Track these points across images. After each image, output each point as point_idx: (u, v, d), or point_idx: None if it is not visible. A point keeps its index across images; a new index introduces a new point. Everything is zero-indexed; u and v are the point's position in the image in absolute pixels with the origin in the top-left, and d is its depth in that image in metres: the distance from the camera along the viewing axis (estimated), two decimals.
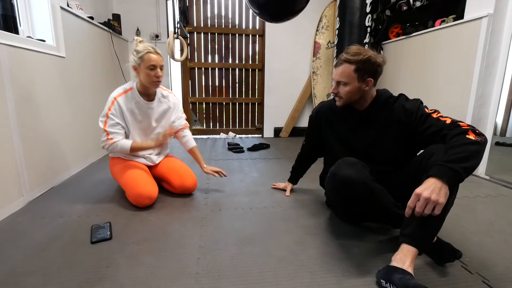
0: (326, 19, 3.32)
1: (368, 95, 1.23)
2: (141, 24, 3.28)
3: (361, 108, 1.26)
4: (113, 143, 1.51)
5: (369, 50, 1.17)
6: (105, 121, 1.50)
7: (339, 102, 1.27)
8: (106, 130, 1.50)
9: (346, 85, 1.19)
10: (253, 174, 2.14)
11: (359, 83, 1.18)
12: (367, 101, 1.24)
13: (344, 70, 1.18)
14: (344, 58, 1.18)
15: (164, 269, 1.00)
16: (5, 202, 1.40)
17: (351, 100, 1.24)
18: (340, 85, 1.22)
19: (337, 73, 1.21)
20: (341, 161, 1.14)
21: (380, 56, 1.18)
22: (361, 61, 1.14)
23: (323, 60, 3.38)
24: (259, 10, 2.25)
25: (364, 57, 1.14)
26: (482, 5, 1.96)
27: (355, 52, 1.16)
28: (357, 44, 1.26)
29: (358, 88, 1.19)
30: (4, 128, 1.41)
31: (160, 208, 1.51)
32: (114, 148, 1.52)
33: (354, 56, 1.15)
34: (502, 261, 1.07)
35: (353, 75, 1.16)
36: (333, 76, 1.25)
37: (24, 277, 0.95)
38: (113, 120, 1.51)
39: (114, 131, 1.51)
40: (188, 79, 3.63)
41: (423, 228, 0.94)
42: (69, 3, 2.10)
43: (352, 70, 1.16)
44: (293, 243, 1.19)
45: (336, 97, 1.27)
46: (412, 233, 0.94)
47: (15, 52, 1.50)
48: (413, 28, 2.64)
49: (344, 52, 1.19)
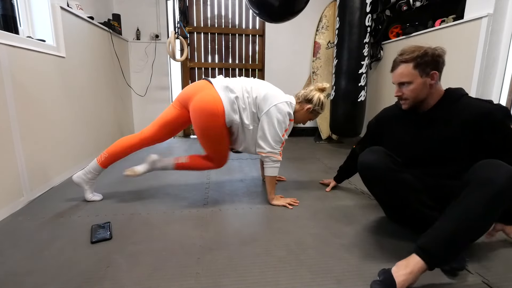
0: (326, 19, 3.32)
1: (435, 91, 1.13)
2: (141, 24, 3.28)
3: (426, 109, 1.17)
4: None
5: (422, 45, 1.10)
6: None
7: (405, 105, 1.18)
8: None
9: (410, 84, 1.11)
10: (253, 174, 2.14)
11: (423, 78, 1.10)
12: (433, 99, 1.15)
13: (403, 70, 1.12)
14: (400, 60, 1.12)
15: (164, 269, 1.00)
16: (5, 202, 1.40)
17: (418, 99, 1.14)
18: (403, 86, 1.14)
19: (396, 75, 1.15)
20: (368, 149, 1.15)
21: (437, 47, 1.10)
22: (417, 57, 1.08)
23: (323, 60, 3.38)
24: (258, 10, 2.25)
25: (420, 53, 1.08)
26: (482, 5, 1.96)
27: (409, 51, 1.10)
28: (410, 45, 1.16)
29: (423, 84, 1.10)
30: (4, 128, 1.41)
31: (160, 208, 1.51)
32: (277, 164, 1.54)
33: (409, 54, 1.09)
34: (502, 261, 1.07)
35: (413, 72, 1.10)
36: (393, 80, 1.18)
37: (24, 277, 0.95)
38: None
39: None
40: (188, 79, 3.63)
41: (444, 244, 0.87)
42: (69, 3, 2.10)
43: (411, 68, 1.10)
44: (293, 243, 1.19)
45: (401, 100, 1.19)
46: (427, 245, 0.88)
47: (15, 52, 1.50)
48: (413, 28, 2.64)
49: (398, 55, 1.14)
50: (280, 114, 1.48)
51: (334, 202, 1.62)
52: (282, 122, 1.49)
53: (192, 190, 1.77)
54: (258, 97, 1.49)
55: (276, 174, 1.54)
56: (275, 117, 1.47)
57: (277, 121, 1.47)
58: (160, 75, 3.41)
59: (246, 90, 1.50)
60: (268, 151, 1.50)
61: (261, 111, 1.49)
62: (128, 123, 3.30)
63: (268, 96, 1.49)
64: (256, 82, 1.55)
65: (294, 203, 1.57)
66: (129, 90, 3.31)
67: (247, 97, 1.49)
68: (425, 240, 0.90)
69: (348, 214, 1.47)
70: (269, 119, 1.47)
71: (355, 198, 1.68)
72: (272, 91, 1.53)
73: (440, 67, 1.11)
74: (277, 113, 1.47)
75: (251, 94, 1.50)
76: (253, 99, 1.49)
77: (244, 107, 1.48)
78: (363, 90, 2.83)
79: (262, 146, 1.51)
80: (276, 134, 1.49)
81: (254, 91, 1.50)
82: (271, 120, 1.47)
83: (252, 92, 1.50)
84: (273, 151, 1.50)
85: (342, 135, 3.13)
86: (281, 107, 1.48)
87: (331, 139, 3.47)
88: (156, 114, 1.65)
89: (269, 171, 1.53)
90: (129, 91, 3.30)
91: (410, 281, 0.85)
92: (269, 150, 1.50)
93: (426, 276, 0.97)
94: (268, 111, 1.47)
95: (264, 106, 1.48)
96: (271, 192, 1.57)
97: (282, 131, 1.50)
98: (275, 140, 1.49)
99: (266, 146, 1.50)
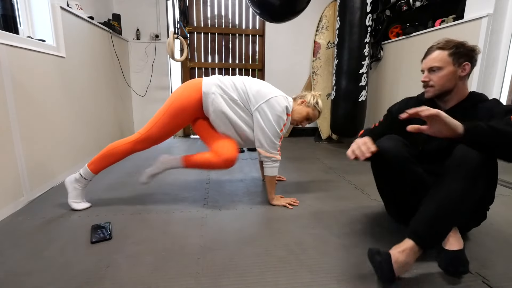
0: (326, 19, 3.31)
1: (461, 87, 1.12)
2: (141, 24, 3.28)
3: (446, 107, 1.15)
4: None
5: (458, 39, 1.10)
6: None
7: (428, 93, 1.15)
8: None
9: (440, 70, 1.09)
10: (253, 174, 2.14)
11: (455, 67, 1.08)
12: (457, 97, 1.13)
13: (437, 55, 1.09)
14: (436, 46, 1.11)
15: (164, 269, 1.00)
16: (5, 202, 1.40)
17: (443, 89, 1.11)
18: (432, 72, 1.11)
19: (429, 60, 1.12)
20: (386, 136, 1.14)
21: (475, 45, 1.10)
22: (454, 46, 1.07)
23: (323, 60, 3.38)
24: (260, 9, 2.25)
25: (457, 43, 1.08)
26: (482, 5, 1.96)
27: (447, 40, 1.09)
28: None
29: (453, 73, 1.08)
30: (4, 128, 1.41)
31: (160, 208, 1.51)
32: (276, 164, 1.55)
33: (447, 43, 1.09)
34: (502, 261, 1.07)
35: (447, 59, 1.08)
36: (423, 65, 1.15)
37: (24, 277, 0.95)
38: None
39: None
40: (188, 79, 3.61)
41: (429, 223, 0.93)
42: (69, 3, 2.10)
43: (446, 55, 1.08)
44: (293, 243, 1.19)
45: (427, 87, 1.15)
46: (414, 228, 0.95)
47: (15, 52, 1.50)
48: (413, 28, 2.64)
49: (434, 43, 1.12)
50: (277, 106, 1.46)
51: (334, 202, 1.62)
52: (278, 115, 1.47)
53: (192, 190, 1.77)
54: (252, 89, 1.49)
55: (276, 174, 1.54)
56: (269, 110, 1.46)
57: (271, 114, 1.46)
58: (160, 75, 3.41)
59: (233, 81, 1.51)
60: (267, 148, 1.50)
61: (257, 103, 1.47)
62: (128, 123, 3.30)
63: (262, 91, 1.49)
64: (250, 78, 1.57)
65: (294, 203, 1.57)
66: (129, 90, 3.31)
67: (238, 88, 1.49)
68: (413, 224, 0.97)
69: (348, 214, 1.47)
70: (264, 112, 1.46)
71: (355, 198, 1.68)
72: (267, 86, 1.54)
73: (473, 61, 1.10)
74: (274, 105, 1.46)
75: (244, 86, 1.50)
76: (248, 89, 1.49)
77: (230, 88, 1.48)
78: (363, 90, 2.83)
79: (261, 142, 1.49)
80: (273, 127, 1.47)
81: (247, 85, 1.50)
82: (266, 113, 1.46)
83: (246, 85, 1.50)
84: (272, 147, 1.50)
85: (343, 135, 3.13)
86: (278, 100, 1.48)
87: (331, 139, 3.47)
88: None
89: (269, 171, 1.53)
90: (129, 91, 3.31)
91: (403, 257, 0.92)
92: (268, 146, 1.49)
93: (427, 276, 0.98)
94: (261, 105, 1.46)
95: (259, 99, 1.47)
96: (271, 192, 1.57)
97: (280, 126, 1.49)
98: (273, 133, 1.48)
99: (265, 141, 1.49)
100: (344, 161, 2.52)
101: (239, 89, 1.49)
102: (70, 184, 1.48)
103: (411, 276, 0.98)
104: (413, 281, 0.95)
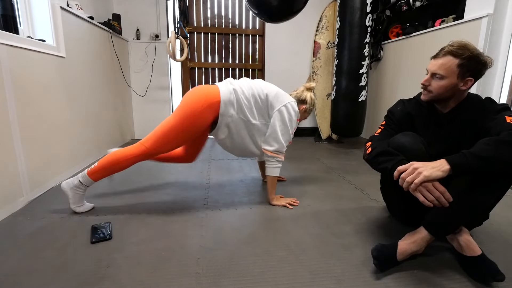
0: (326, 19, 3.31)
1: (460, 96, 1.10)
2: (141, 24, 3.28)
3: (444, 110, 1.13)
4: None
5: (475, 47, 1.03)
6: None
7: (425, 96, 1.13)
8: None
9: (442, 79, 1.05)
10: (253, 174, 2.14)
11: (457, 81, 1.04)
12: (455, 102, 1.11)
13: (446, 62, 1.03)
14: (449, 50, 1.03)
15: (164, 269, 1.00)
16: (5, 202, 1.40)
17: (440, 97, 1.09)
18: (434, 78, 1.07)
19: (435, 64, 1.06)
20: (402, 133, 1.12)
21: (488, 56, 1.04)
22: (468, 57, 1.00)
23: (323, 60, 3.38)
24: (257, 10, 2.25)
25: (472, 54, 1.00)
26: (482, 5, 1.96)
27: (462, 46, 1.01)
28: (463, 40, 1.07)
29: (454, 85, 1.05)
30: (4, 128, 1.41)
31: (160, 208, 1.51)
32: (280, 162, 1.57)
33: (461, 49, 1.01)
34: (502, 261, 1.07)
35: (454, 69, 1.02)
36: (429, 67, 1.09)
37: (24, 277, 0.95)
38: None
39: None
40: (188, 79, 3.63)
41: (442, 215, 0.98)
42: (69, 3, 2.10)
43: (455, 64, 1.02)
44: (293, 243, 1.19)
45: (424, 90, 1.13)
46: (430, 218, 1.01)
47: (15, 52, 1.50)
48: (413, 28, 2.64)
49: (449, 44, 1.05)
50: (293, 112, 1.52)
51: (334, 202, 1.62)
52: (293, 120, 1.53)
53: (192, 190, 1.77)
54: (270, 94, 1.50)
55: (278, 174, 1.55)
56: (287, 116, 1.50)
57: (288, 120, 1.51)
58: (160, 75, 3.41)
59: (251, 87, 1.50)
60: (276, 149, 1.51)
61: (273, 108, 1.50)
62: (128, 123, 3.30)
63: (279, 95, 1.52)
64: (262, 81, 1.58)
65: (294, 203, 1.57)
66: (129, 90, 3.31)
67: (252, 94, 1.48)
68: (429, 215, 1.03)
69: (348, 214, 1.47)
70: (282, 117, 1.49)
71: (355, 198, 1.68)
72: (280, 90, 1.56)
73: (478, 77, 1.06)
74: (290, 110, 1.51)
75: (260, 91, 1.50)
76: (265, 96, 1.49)
77: (247, 103, 1.47)
78: (363, 90, 2.83)
79: (272, 144, 1.51)
80: (287, 132, 1.52)
81: (264, 88, 1.51)
82: (284, 118, 1.49)
83: (263, 89, 1.51)
84: (281, 150, 1.52)
85: (343, 135, 3.13)
86: (293, 105, 1.53)
87: (331, 139, 3.47)
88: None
89: (271, 171, 1.54)
90: (129, 91, 3.30)
91: (413, 249, 1.01)
92: (277, 148, 1.50)
93: (427, 276, 0.98)
94: (280, 109, 1.49)
95: (276, 104, 1.50)
96: (271, 192, 1.58)
97: (292, 130, 1.55)
98: (285, 138, 1.52)
99: (276, 144, 1.50)
100: (344, 161, 2.52)
101: (256, 96, 1.49)
102: (69, 190, 1.42)
103: (411, 276, 0.98)
104: (413, 281, 0.95)
